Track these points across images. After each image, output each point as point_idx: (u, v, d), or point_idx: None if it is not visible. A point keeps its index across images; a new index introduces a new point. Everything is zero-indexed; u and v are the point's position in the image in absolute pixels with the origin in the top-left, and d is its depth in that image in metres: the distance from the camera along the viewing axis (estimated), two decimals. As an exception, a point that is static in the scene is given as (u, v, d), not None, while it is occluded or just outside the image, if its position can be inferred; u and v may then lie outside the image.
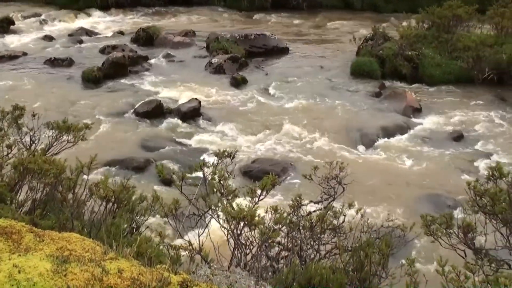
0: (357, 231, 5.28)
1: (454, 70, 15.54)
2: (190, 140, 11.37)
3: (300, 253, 5.05)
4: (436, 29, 17.17)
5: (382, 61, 15.71)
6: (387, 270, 4.70)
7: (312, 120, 12.25)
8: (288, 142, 11.36)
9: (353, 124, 12.22)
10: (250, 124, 12.05)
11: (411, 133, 12.14)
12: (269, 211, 5.01)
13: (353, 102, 13.58)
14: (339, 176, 5.65)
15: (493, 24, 17.21)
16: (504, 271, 4.47)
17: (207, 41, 17.76)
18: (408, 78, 15.39)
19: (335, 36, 19.79)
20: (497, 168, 5.24)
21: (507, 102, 14.03)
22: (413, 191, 9.62)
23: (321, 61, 16.75)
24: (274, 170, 9.58)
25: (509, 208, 4.87)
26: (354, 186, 7.29)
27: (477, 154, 11.28)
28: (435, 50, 16.28)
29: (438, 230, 4.84)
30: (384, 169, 10.47)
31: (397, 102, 13.46)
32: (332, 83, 14.95)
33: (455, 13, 17.00)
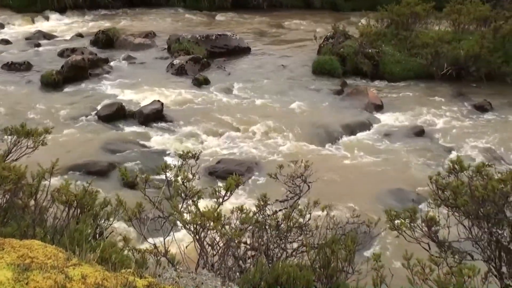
0: (323, 228, 5.30)
1: (414, 66, 15.79)
2: (153, 142, 11.26)
3: (267, 252, 5.05)
4: (395, 27, 17.43)
5: (343, 59, 15.85)
6: (353, 266, 4.73)
7: (275, 119, 12.27)
8: (252, 141, 11.36)
9: (317, 122, 12.29)
10: (214, 125, 12.00)
11: (373, 130, 12.28)
12: (235, 211, 4.99)
13: (316, 100, 13.67)
14: (304, 174, 5.66)
15: (450, 20, 17.57)
16: (467, 263, 4.54)
17: (168, 42, 17.63)
18: (369, 75, 15.58)
19: (296, 35, 19.89)
20: (457, 161, 5.32)
21: (465, 97, 14.31)
22: (377, 186, 9.71)
23: (283, 60, 16.80)
24: (239, 170, 9.60)
25: (471, 201, 4.95)
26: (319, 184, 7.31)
27: (438, 148, 11.48)
28: (394, 47, 16.52)
29: (402, 225, 4.89)
30: (348, 166, 10.56)
31: (359, 99, 13.60)
32: (295, 81, 15.02)
33: (413, 11, 17.30)
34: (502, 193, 4.89)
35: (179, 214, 4.70)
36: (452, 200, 5.05)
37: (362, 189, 9.61)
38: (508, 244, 4.80)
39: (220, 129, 11.81)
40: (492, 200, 4.87)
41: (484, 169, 5.27)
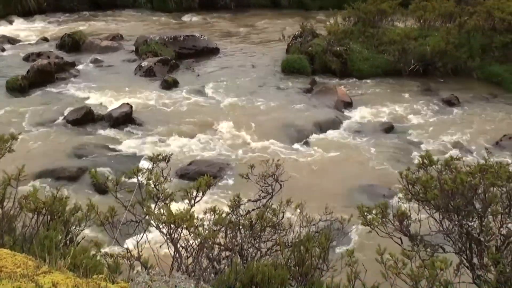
0: (297, 227, 5.31)
1: (382, 63, 15.95)
2: (124, 146, 11.14)
3: (241, 252, 5.04)
4: (362, 24, 17.57)
5: (311, 58, 15.93)
6: (328, 263, 4.75)
7: (246, 119, 12.27)
8: (223, 142, 11.34)
9: (287, 121, 12.32)
10: (185, 126, 11.94)
11: (343, 127, 12.37)
12: (208, 212, 4.97)
13: (286, 99, 13.70)
14: (275, 173, 5.66)
15: (416, 17, 17.80)
16: (439, 255, 4.60)
17: (135, 45, 17.48)
18: (338, 73, 15.68)
19: (264, 35, 19.91)
20: (426, 156, 5.39)
21: (433, 92, 14.51)
22: (349, 183, 9.78)
23: (252, 60, 16.81)
24: (210, 171, 9.56)
25: (441, 194, 5.01)
26: (291, 183, 7.33)
27: (408, 143, 11.62)
28: (362, 44, 16.65)
29: (375, 220, 4.93)
30: (320, 164, 10.61)
31: (329, 97, 13.68)
32: (264, 81, 15.03)
33: (379, 8, 17.47)
34: (470, 186, 4.97)
35: (152, 216, 4.66)
36: (423, 194, 5.11)
37: (334, 186, 9.67)
38: (478, 235, 4.87)
39: (191, 131, 11.75)
40: (461, 193, 4.95)
41: (453, 162, 5.35)
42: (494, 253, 4.57)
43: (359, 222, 5.14)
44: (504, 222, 4.95)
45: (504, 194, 5.05)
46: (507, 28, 15.71)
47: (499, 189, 5.04)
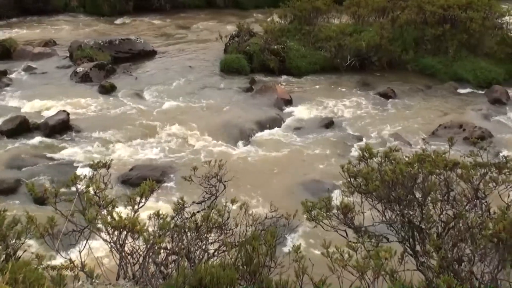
0: (243, 226, 5.30)
1: (319, 60, 16.17)
2: (62, 154, 10.83)
3: (189, 255, 4.99)
4: (298, 22, 17.76)
5: (250, 57, 15.98)
6: (275, 260, 4.76)
7: (187, 121, 12.18)
8: (165, 145, 11.21)
9: (229, 121, 12.30)
10: (125, 131, 11.73)
11: (285, 124, 12.46)
12: (153, 217, 4.90)
13: (226, 99, 13.69)
14: (218, 174, 5.64)
15: (351, 13, 18.13)
16: (383, 245, 4.68)
17: (69, 50, 17.03)
18: (276, 71, 15.79)
19: (201, 36, 19.84)
20: (366, 149, 5.48)
21: (370, 86, 14.81)
22: (293, 179, 9.86)
23: (190, 61, 16.70)
24: (153, 175, 9.44)
25: (382, 185, 5.11)
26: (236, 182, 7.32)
27: (348, 137, 11.81)
28: (299, 42, 16.82)
29: (319, 215, 4.98)
30: (263, 162, 10.65)
31: (268, 96, 13.75)
32: (204, 82, 14.96)
33: (314, 6, 17.70)
34: (410, 176, 5.09)
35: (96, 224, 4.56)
36: (364, 187, 5.20)
37: (278, 184, 9.73)
38: (419, 223, 4.99)
39: (131, 135, 11.56)
40: (402, 183, 5.06)
41: (392, 154, 5.46)
42: (435, 240, 4.69)
43: (304, 217, 5.18)
44: (444, 209, 5.10)
45: (442, 181, 5.21)
46: (438, 21, 16.20)
47: (437, 177, 5.19)
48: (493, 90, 14.31)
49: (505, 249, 4.32)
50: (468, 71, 15.41)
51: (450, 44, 15.88)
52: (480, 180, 5.21)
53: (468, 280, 4.35)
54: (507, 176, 5.21)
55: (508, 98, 14.02)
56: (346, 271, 4.23)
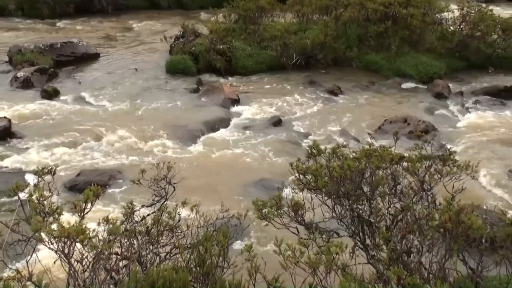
0: (195, 228, 5.27)
1: (265, 59, 16.24)
2: (5, 162, 10.46)
3: (140, 259, 4.92)
4: (243, 22, 17.81)
5: (196, 58, 15.91)
6: (228, 260, 4.76)
7: (134, 124, 12.01)
8: (112, 149, 11.02)
9: (177, 122, 12.20)
10: (71, 136, 11.45)
11: (233, 124, 12.46)
12: (101, 222, 4.81)
13: (173, 100, 13.57)
14: (167, 176, 5.58)
15: (294, 12, 18.29)
16: (334, 240, 4.74)
17: (8, 55, 16.51)
18: (223, 71, 15.77)
19: (145, 37, 19.62)
20: (314, 146, 5.54)
21: (316, 83, 14.96)
22: (243, 179, 9.85)
23: (135, 63, 16.50)
24: (101, 180, 9.28)
25: (331, 181, 5.18)
26: (186, 184, 7.27)
27: (297, 135, 11.90)
28: (245, 41, 16.86)
29: (270, 213, 5.00)
30: (212, 163, 10.61)
31: (216, 96, 13.72)
32: (149, 84, 14.80)
33: (258, 5, 17.78)
34: (358, 171, 5.17)
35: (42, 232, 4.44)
36: (314, 183, 5.25)
37: (228, 184, 9.71)
38: (368, 217, 5.08)
39: (77, 140, 11.30)
40: (350, 178, 5.14)
41: (340, 150, 5.54)
42: (384, 233, 4.78)
43: (255, 216, 5.19)
44: (392, 202, 5.20)
45: (389, 175, 5.31)
46: (380, 18, 16.53)
47: (384, 171, 5.29)
48: (435, 84, 14.69)
49: (451, 238, 4.44)
50: (411, 66, 15.78)
51: (392, 41, 16.22)
52: (426, 173, 5.34)
53: (417, 271, 4.45)
54: (451, 167, 5.36)
55: (449, 91, 14.43)
56: (298, 268, 4.26)
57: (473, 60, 16.65)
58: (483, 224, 4.57)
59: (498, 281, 4.53)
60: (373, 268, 4.63)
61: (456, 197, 5.00)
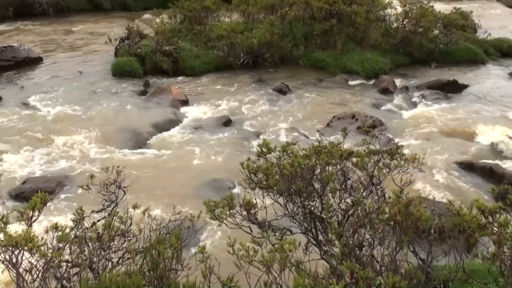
0: (147, 231, 5.21)
1: (213, 59, 16.20)
2: None
3: (92, 266, 4.83)
4: (189, 22, 17.73)
5: (142, 59, 15.72)
6: (182, 263, 4.73)
7: (81, 128, 11.77)
8: (60, 155, 10.77)
9: (125, 125, 12.03)
10: (14, 143, 11.12)
11: (182, 125, 12.38)
12: (50, 230, 4.70)
13: (121, 103, 13.36)
14: (117, 180, 5.50)
15: (240, 11, 18.32)
16: (287, 238, 4.77)
17: None
18: (170, 72, 15.65)
19: (90, 40, 19.25)
20: (264, 144, 5.55)
21: (265, 82, 15.03)
22: (194, 180, 9.80)
23: (80, 67, 16.17)
24: (48, 186, 9.07)
25: (281, 179, 5.20)
26: (137, 188, 7.19)
27: (247, 134, 11.91)
28: (191, 42, 16.79)
29: (222, 213, 4.99)
30: (163, 165, 10.51)
31: (164, 98, 13.60)
32: (95, 87, 14.53)
33: (203, 5, 17.72)
34: (308, 168, 5.21)
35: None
36: (265, 182, 5.26)
37: (180, 186, 9.64)
38: (320, 213, 5.13)
39: (22, 147, 10.98)
40: (301, 175, 5.17)
41: (289, 148, 5.57)
42: (336, 228, 4.84)
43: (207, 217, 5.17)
44: (342, 198, 5.27)
45: (339, 171, 5.37)
46: (325, 16, 16.73)
47: (334, 167, 5.35)
48: (381, 80, 14.97)
49: (401, 231, 4.53)
50: (357, 63, 16.03)
51: (338, 38, 16.45)
52: (374, 167, 5.42)
53: (369, 264, 4.52)
54: (399, 161, 5.46)
55: (395, 87, 14.72)
56: (252, 267, 4.27)
57: (416, 56, 17.06)
58: (432, 215, 4.68)
59: (448, 270, 4.65)
60: (326, 264, 4.67)
61: (405, 190, 5.10)
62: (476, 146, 11.43)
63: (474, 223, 4.31)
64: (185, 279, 4.54)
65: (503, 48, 18.23)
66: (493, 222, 4.29)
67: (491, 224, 4.29)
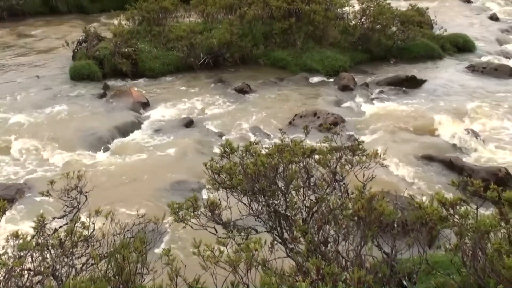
0: (111, 236, 5.15)
1: (172, 60, 16.10)
2: None
3: (55, 273, 4.75)
4: (147, 23, 17.57)
5: (100, 62, 15.49)
6: (147, 266, 4.68)
7: (40, 134, 11.54)
8: (18, 161, 10.55)
9: (85, 129, 11.84)
10: (-30, 151, 10.87)
11: (144, 128, 12.26)
12: (11, 238, 4.60)
13: (80, 107, 13.15)
14: (78, 185, 5.41)
15: (199, 12, 18.25)
16: (253, 237, 4.77)
17: None
18: (130, 74, 15.48)
19: (46, 43, 18.89)
20: (227, 144, 5.55)
21: (226, 82, 15.00)
22: (158, 183, 9.72)
23: (37, 71, 15.85)
24: (7, 194, 8.89)
25: (245, 179, 5.20)
26: (99, 192, 7.09)
27: (209, 135, 11.87)
28: (150, 43, 16.64)
29: (187, 214, 4.97)
30: (125, 168, 10.40)
31: (124, 100, 13.44)
32: (54, 91, 14.25)
33: (162, 6, 17.59)
34: (271, 167, 5.22)
35: None
36: (229, 182, 5.25)
37: (143, 189, 9.54)
38: (285, 211, 5.15)
39: (-22, 155, 10.74)
40: (264, 174, 5.18)
41: (252, 147, 5.58)
42: (301, 225, 4.86)
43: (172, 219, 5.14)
44: (306, 195, 5.30)
45: (302, 169, 5.41)
46: (284, 15, 16.79)
47: (297, 165, 5.38)
48: (341, 78, 15.10)
49: (365, 226, 4.58)
50: (317, 61, 16.15)
51: (297, 37, 16.53)
52: (337, 164, 5.48)
53: (335, 260, 4.56)
54: (360, 157, 5.52)
55: (355, 83, 14.88)
56: (219, 267, 4.26)
57: (375, 52, 17.27)
58: (394, 209, 4.75)
59: (412, 263, 4.72)
60: (292, 261, 4.69)
61: (367, 185, 5.17)
62: (435, 140, 11.65)
63: (436, 216, 4.38)
64: (151, 282, 4.50)
65: (459, 43, 18.62)
66: (454, 214, 4.36)
67: (452, 216, 4.37)
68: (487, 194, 4.50)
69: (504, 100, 14.02)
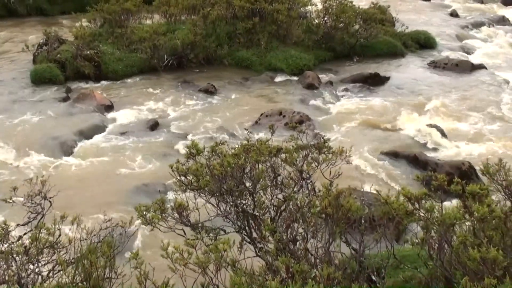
0: (77, 241, 5.07)
1: (136, 62, 15.95)
2: None
3: (20, 281, 4.65)
4: (109, 25, 17.37)
5: (62, 65, 15.22)
6: (116, 271, 4.63)
7: (2, 139, 11.30)
8: (-21, 168, 10.33)
9: (48, 133, 11.64)
10: None
11: (108, 131, 12.12)
12: (-27, 248, 4.50)
13: (42, 111, 12.91)
14: (42, 191, 5.31)
15: (162, 13, 18.13)
16: (222, 237, 4.76)
17: None
18: (93, 77, 15.26)
19: (5, 47, 18.45)
20: (193, 145, 5.52)
21: (191, 83, 14.93)
22: (123, 186, 9.63)
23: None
24: (-31, 202, 8.66)
25: (212, 180, 5.18)
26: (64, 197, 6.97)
27: (175, 137, 11.80)
28: (113, 45, 16.45)
29: (154, 217, 4.93)
30: (90, 172, 10.26)
31: (87, 103, 13.25)
32: (14, 96, 13.97)
33: (124, 7, 17.39)
34: (238, 167, 5.22)
35: None
36: (196, 183, 5.23)
37: (109, 193, 9.44)
38: (253, 211, 5.15)
39: None
40: (231, 175, 5.17)
41: (218, 147, 5.57)
42: (269, 224, 4.87)
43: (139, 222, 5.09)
44: (274, 194, 5.31)
45: (269, 168, 5.41)
46: (247, 15, 16.80)
47: (263, 165, 5.38)
48: (305, 76, 15.18)
49: (333, 222, 4.61)
50: (281, 60, 16.19)
51: (261, 36, 16.56)
52: (303, 162, 5.50)
53: (304, 257, 4.57)
54: (327, 154, 5.56)
55: (319, 82, 14.97)
56: (188, 269, 4.23)
57: (339, 50, 17.41)
58: (361, 205, 4.79)
59: (380, 258, 4.77)
60: (262, 260, 4.70)
61: (334, 182, 5.20)
62: (400, 135, 11.82)
63: (402, 211, 4.44)
64: (120, 287, 4.45)
65: (421, 40, 18.92)
66: (420, 208, 4.43)
67: (418, 210, 4.43)
68: (451, 188, 4.58)
69: (466, 95, 14.31)
